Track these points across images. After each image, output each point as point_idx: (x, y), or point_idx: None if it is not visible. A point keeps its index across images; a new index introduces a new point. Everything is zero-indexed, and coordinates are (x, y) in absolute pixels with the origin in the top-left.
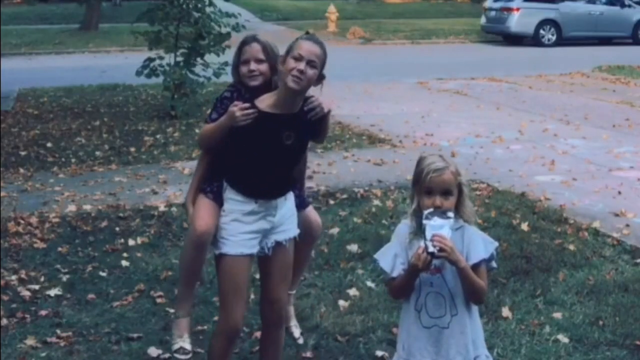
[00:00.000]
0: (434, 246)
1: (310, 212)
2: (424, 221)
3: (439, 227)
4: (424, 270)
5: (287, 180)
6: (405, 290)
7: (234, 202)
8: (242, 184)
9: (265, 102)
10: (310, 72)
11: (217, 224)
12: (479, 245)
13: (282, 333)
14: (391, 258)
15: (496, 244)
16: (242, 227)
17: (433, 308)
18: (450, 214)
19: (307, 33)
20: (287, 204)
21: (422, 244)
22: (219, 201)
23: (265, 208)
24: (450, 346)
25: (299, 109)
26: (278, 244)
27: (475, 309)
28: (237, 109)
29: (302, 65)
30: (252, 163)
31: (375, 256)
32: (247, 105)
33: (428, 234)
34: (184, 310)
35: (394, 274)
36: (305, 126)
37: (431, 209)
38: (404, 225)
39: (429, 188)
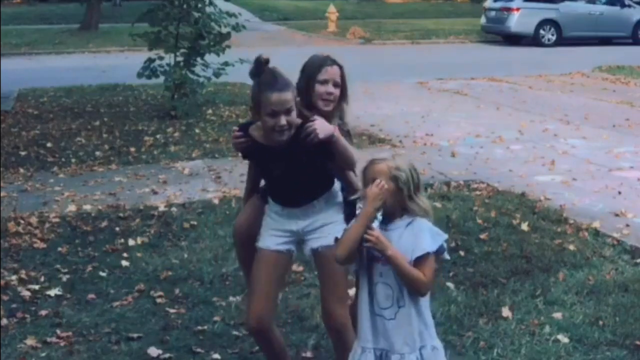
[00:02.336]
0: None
1: None
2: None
3: None
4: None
5: (302, 195)
6: (347, 244)
7: (270, 201)
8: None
9: (257, 130)
10: (292, 118)
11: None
12: (425, 238)
13: (344, 338)
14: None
15: (445, 236)
16: (272, 224)
17: (382, 298)
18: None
19: (258, 62)
20: (324, 213)
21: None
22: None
23: (287, 212)
24: (398, 337)
25: (292, 138)
26: (314, 250)
27: (422, 301)
28: (234, 135)
29: (282, 121)
30: (264, 179)
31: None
32: (239, 134)
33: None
34: None
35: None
36: (303, 153)
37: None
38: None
39: (367, 178)
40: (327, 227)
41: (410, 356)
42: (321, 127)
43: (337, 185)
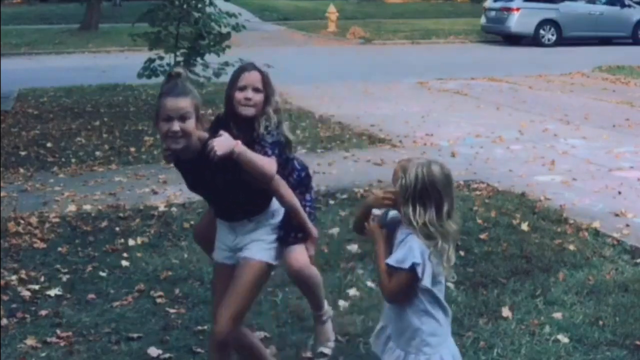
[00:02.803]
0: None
1: (290, 252)
2: None
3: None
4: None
5: (231, 211)
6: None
7: None
8: None
9: None
10: (186, 126)
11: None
12: (400, 252)
13: (222, 350)
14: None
15: (415, 260)
16: (219, 237)
17: None
18: (393, 212)
19: (169, 75)
20: (254, 233)
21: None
22: None
23: (227, 225)
24: (394, 328)
25: (199, 154)
26: (237, 261)
27: (409, 309)
28: (162, 147)
29: (174, 126)
30: None
31: None
32: (165, 146)
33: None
34: None
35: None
36: (206, 168)
37: None
38: None
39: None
40: (254, 243)
41: (396, 351)
42: (220, 144)
43: (275, 206)
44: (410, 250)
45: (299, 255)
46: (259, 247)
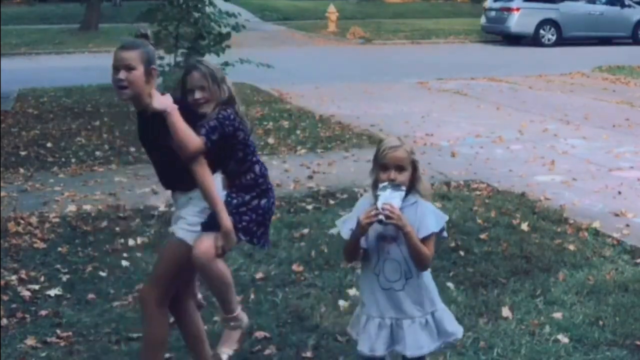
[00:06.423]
0: (383, 213)
1: (197, 237)
2: (378, 192)
3: (391, 198)
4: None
5: (168, 177)
6: (351, 251)
7: None
8: None
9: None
10: (131, 76)
11: None
12: (430, 219)
13: (144, 311)
14: (349, 228)
15: (446, 217)
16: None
17: (389, 273)
18: (403, 187)
19: (136, 36)
20: (189, 207)
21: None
22: None
23: (173, 197)
24: (408, 304)
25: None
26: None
27: (426, 273)
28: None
29: (118, 75)
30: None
31: (337, 222)
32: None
33: (379, 203)
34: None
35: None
36: (157, 127)
37: (386, 182)
38: (365, 199)
39: (385, 164)
40: (180, 220)
41: (421, 319)
42: (159, 98)
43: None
44: (434, 213)
45: (204, 242)
46: (181, 224)
